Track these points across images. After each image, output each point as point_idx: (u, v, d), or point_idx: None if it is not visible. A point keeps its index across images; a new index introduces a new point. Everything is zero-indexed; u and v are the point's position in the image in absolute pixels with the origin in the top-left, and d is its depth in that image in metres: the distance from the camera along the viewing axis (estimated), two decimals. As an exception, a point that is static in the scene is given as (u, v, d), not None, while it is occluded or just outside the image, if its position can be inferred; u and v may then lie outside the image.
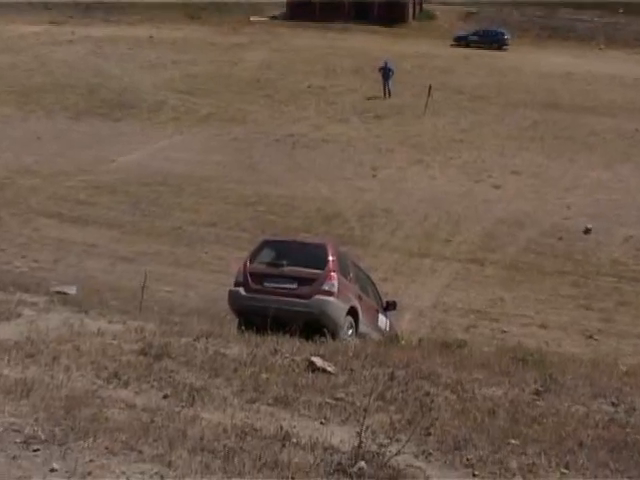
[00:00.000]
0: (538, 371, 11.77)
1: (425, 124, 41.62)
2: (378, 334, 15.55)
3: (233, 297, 14.74)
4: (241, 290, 14.57)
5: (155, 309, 18.10)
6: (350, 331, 14.52)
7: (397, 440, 7.02)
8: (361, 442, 6.84)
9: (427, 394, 9.64)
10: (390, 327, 16.93)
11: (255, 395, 8.87)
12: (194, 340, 11.38)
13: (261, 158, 36.82)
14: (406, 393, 9.39)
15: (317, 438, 7.47)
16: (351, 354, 11.48)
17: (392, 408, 8.83)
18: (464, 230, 29.98)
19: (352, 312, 14.72)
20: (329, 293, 14.26)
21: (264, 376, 9.64)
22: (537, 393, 10.52)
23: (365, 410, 7.35)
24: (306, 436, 7.50)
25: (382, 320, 16.61)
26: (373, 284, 17.22)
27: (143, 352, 10.17)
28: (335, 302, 14.27)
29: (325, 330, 13.35)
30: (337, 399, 9.07)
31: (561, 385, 11.00)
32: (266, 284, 14.43)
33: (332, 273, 14.42)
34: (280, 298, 14.04)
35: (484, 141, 39.07)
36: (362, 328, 15.00)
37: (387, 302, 17.18)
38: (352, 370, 10.51)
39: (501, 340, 20.25)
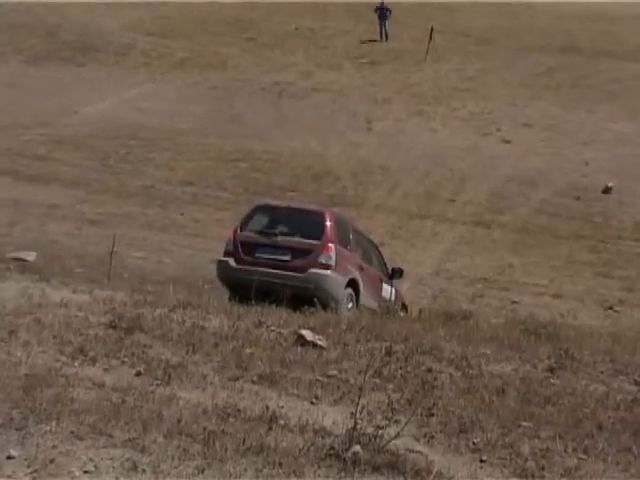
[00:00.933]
0: (552, 345, 11.89)
1: (426, 71, 41.43)
2: (382, 305, 15.75)
3: (222, 268, 15.07)
4: (231, 261, 14.88)
5: (125, 277, 18.14)
6: (350, 304, 14.76)
7: (396, 421, 7.05)
8: (356, 424, 6.87)
9: (429, 371, 9.72)
10: (396, 297, 17.19)
11: (238, 372, 8.92)
12: (169, 311, 11.45)
13: (243, 109, 36.65)
14: (405, 370, 9.46)
15: (307, 420, 7.51)
16: (344, 327, 11.57)
17: (390, 386, 8.90)
18: (469, 189, 29.98)
19: (352, 284, 15.05)
20: (326, 266, 14.58)
21: (248, 351, 9.71)
22: (551, 370, 10.62)
23: (360, 388, 7.39)
24: (295, 417, 7.54)
25: (387, 289, 16.92)
26: (377, 250, 17.60)
27: (112, 325, 10.20)
28: (332, 276, 14.59)
29: (316, 300, 13.47)
30: (329, 376, 9.14)
31: (578, 361, 11.10)
32: (258, 255, 14.74)
33: (329, 244, 14.73)
34: (272, 271, 14.37)
35: (492, 90, 38.94)
36: (363, 300, 15.33)
37: (392, 269, 17.44)
38: (345, 344, 10.60)
39: (511, 311, 20.32)
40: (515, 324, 13.91)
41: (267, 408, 7.66)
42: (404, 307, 17.20)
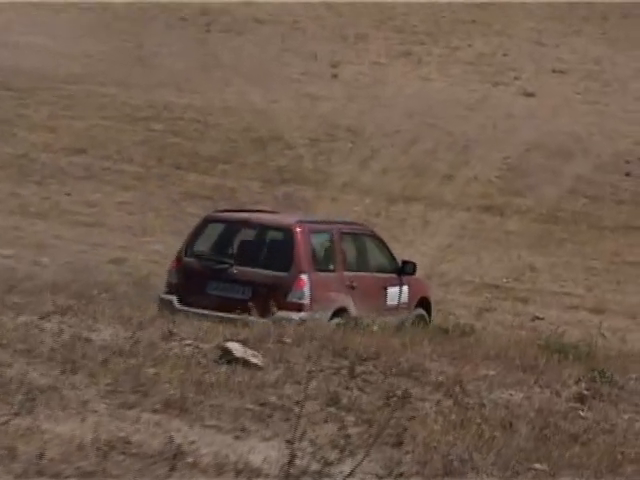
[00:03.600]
0: (583, 367, 11.93)
1: (416, -5, 41.63)
2: (389, 316, 16.35)
3: (164, 309, 15.28)
4: (174, 300, 15.37)
5: (-17, 283, 18.05)
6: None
7: (351, 454, 7.06)
8: (293, 456, 6.86)
9: (406, 397, 9.70)
10: (409, 297, 17.70)
11: (134, 398, 8.93)
12: (40, 319, 11.41)
13: (157, 48, 36.66)
14: (373, 395, 9.46)
15: (227, 456, 7.51)
16: (290, 340, 11.55)
17: (350, 418, 8.89)
18: (475, 161, 30.13)
19: (340, 312, 15.65)
20: (298, 306, 15.20)
21: (151, 371, 9.74)
22: (580, 399, 10.69)
23: (299, 403, 7.37)
24: (210, 454, 7.55)
25: (393, 294, 17.45)
26: (381, 243, 18.12)
27: (-50, 337, 10.16)
28: (307, 318, 14.91)
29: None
30: (263, 404, 9.14)
31: (619, 388, 11.19)
32: (209, 291, 15.31)
33: (301, 276, 15.25)
34: (228, 315, 14.53)
35: (509, 22, 39.16)
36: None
37: (403, 263, 17.94)
38: (290, 362, 10.59)
39: (532, 330, 20.45)
40: (531, 341, 14.01)
41: (171, 441, 7.65)
42: (423, 304, 17.95)
